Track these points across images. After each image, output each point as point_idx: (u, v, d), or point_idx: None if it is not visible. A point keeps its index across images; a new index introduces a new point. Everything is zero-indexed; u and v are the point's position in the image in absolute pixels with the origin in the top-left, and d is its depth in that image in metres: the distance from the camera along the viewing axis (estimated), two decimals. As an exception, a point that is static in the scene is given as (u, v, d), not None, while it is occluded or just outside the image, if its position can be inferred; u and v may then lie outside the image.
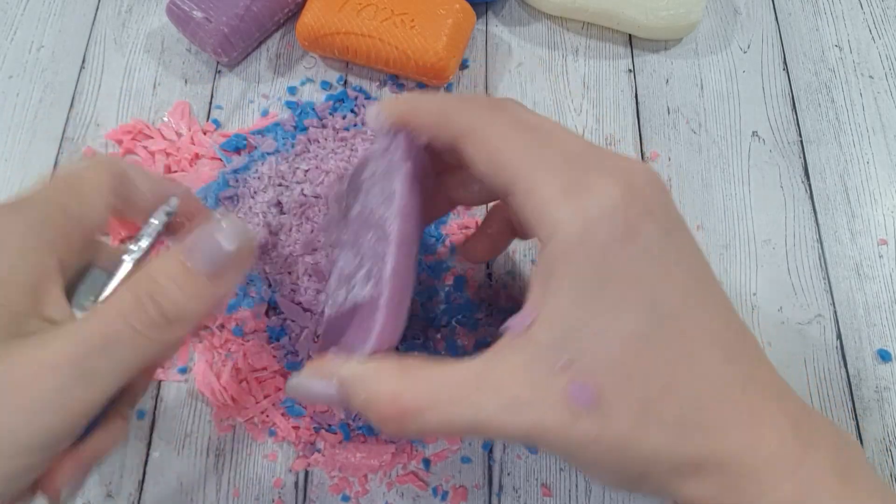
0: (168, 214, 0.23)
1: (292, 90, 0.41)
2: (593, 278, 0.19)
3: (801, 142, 0.41)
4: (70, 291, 0.21)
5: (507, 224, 0.30)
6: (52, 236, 0.21)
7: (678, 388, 0.19)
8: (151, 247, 0.23)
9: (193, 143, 0.39)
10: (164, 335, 0.21)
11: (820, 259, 0.38)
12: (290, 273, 0.34)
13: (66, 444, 0.20)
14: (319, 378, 0.22)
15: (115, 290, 0.22)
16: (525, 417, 0.19)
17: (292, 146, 0.37)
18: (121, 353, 0.20)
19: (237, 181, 0.36)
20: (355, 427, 0.32)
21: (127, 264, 0.22)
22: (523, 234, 0.30)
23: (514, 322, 0.20)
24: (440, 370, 0.21)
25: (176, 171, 0.38)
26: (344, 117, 0.39)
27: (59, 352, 0.19)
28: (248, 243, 0.22)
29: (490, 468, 0.33)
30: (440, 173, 0.27)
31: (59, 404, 0.19)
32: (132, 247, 0.23)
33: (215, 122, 0.40)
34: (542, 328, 0.20)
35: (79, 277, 0.22)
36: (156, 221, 0.23)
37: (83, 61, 0.42)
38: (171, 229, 0.24)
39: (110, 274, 0.22)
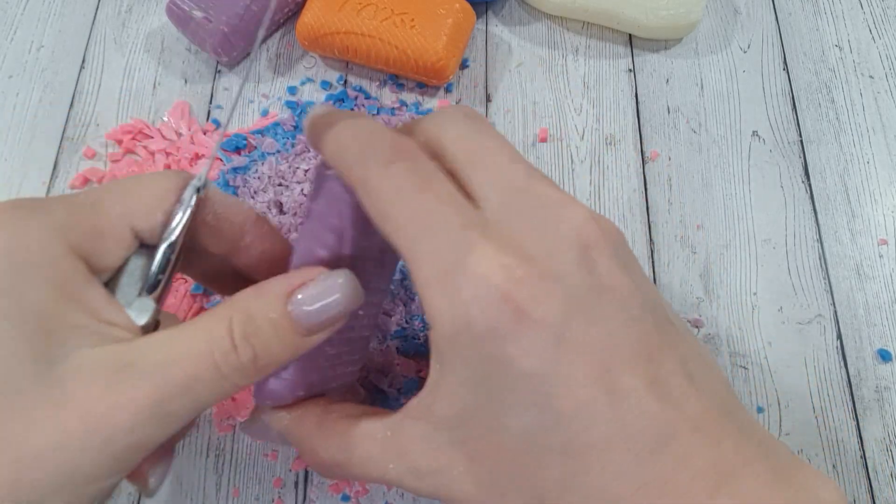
0: (198, 190, 0.20)
1: (292, 90, 0.41)
2: (476, 371, 0.18)
3: (802, 141, 0.41)
4: (113, 279, 0.20)
5: None
6: (77, 239, 0.19)
7: (576, 487, 0.17)
8: (184, 229, 0.20)
9: (193, 143, 0.39)
10: (244, 381, 0.19)
11: (820, 259, 0.38)
12: (290, 273, 0.34)
13: (139, 461, 0.19)
14: (256, 425, 0.24)
15: (205, 314, 0.19)
16: (428, 483, 0.20)
17: (292, 146, 0.37)
18: (199, 396, 0.18)
19: (237, 181, 0.36)
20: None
21: (163, 249, 0.20)
22: None
23: (419, 393, 0.20)
24: (353, 429, 0.21)
25: (176, 171, 0.38)
26: (344, 117, 0.39)
27: (140, 392, 0.17)
28: (356, 304, 0.20)
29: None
30: None
31: (129, 443, 0.18)
32: (167, 231, 0.20)
33: (215, 121, 0.40)
34: (439, 404, 0.19)
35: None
36: (186, 198, 0.20)
37: (83, 61, 0.42)
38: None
39: (148, 257, 0.20)
